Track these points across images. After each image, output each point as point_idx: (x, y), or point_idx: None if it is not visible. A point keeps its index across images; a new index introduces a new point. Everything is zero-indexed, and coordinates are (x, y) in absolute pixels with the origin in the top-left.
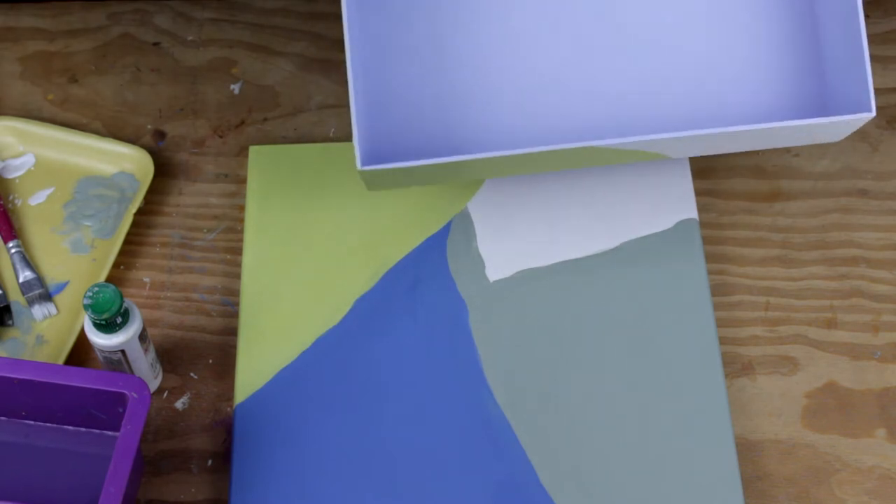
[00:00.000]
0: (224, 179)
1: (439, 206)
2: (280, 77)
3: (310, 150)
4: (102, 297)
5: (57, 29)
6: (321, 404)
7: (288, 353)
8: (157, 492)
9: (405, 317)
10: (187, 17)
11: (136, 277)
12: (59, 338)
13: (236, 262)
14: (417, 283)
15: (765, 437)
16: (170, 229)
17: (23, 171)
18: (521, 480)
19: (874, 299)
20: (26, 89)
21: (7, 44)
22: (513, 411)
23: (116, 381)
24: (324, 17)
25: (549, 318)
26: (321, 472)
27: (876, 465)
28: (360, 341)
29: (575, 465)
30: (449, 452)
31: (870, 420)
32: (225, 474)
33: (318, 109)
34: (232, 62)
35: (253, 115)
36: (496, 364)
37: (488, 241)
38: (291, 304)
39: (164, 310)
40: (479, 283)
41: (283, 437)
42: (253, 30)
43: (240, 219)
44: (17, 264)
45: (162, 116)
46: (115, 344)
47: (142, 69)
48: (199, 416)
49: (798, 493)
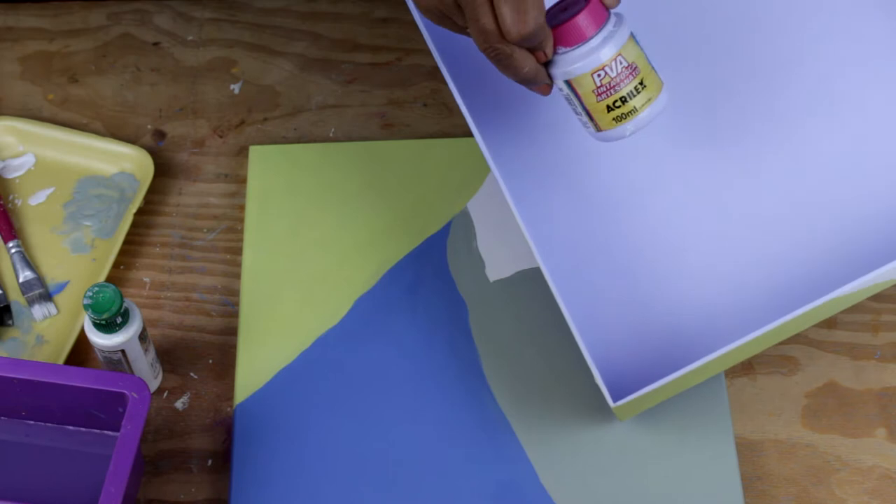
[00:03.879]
0: (224, 179)
1: (439, 206)
2: (280, 77)
3: (310, 150)
4: (102, 297)
5: (57, 29)
6: (321, 404)
7: (288, 353)
8: (157, 492)
9: (405, 317)
10: (187, 17)
11: (136, 277)
12: (59, 338)
13: (236, 262)
14: (417, 282)
15: (765, 437)
16: (170, 229)
17: (23, 171)
18: (521, 480)
19: (874, 299)
20: (26, 89)
21: (7, 44)
22: (513, 411)
23: (116, 381)
24: (324, 17)
25: (549, 317)
26: (321, 472)
27: (876, 465)
28: (360, 341)
29: (575, 465)
30: (449, 452)
31: (870, 420)
32: (225, 474)
33: (318, 109)
34: (232, 62)
35: (253, 115)
36: (496, 364)
37: (488, 241)
38: (291, 304)
39: (164, 310)
40: (479, 283)
41: (283, 437)
42: (253, 30)
43: (240, 219)
44: (17, 264)
45: (162, 116)
46: (115, 344)
47: (142, 69)
48: (199, 416)
49: (798, 493)
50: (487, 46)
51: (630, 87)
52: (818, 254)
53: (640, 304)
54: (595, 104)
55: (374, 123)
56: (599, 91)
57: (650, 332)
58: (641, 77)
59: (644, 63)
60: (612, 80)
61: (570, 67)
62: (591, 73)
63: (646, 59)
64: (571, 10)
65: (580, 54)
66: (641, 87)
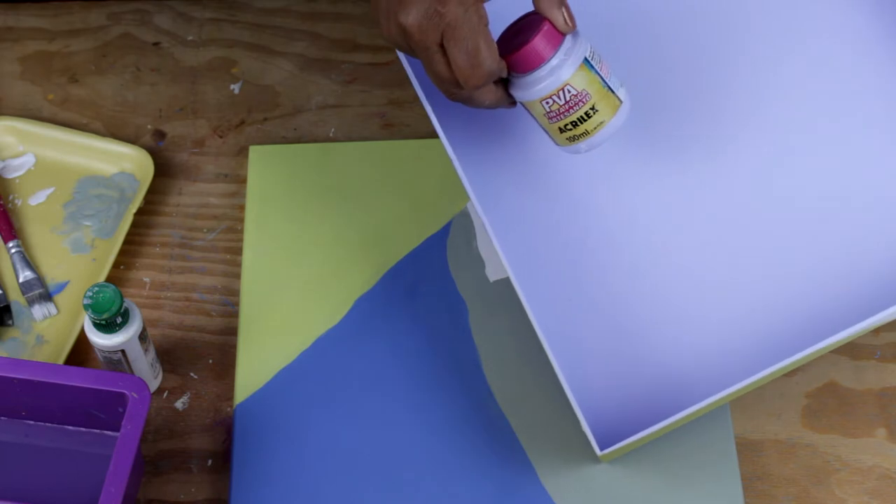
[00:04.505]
0: (224, 179)
1: (439, 206)
2: (280, 77)
3: (310, 150)
4: (102, 297)
5: (57, 29)
6: (321, 404)
7: (288, 353)
8: (157, 492)
9: (405, 317)
10: (187, 17)
11: (136, 277)
12: (59, 338)
13: (236, 262)
14: (417, 282)
15: (765, 437)
16: (170, 229)
17: (23, 171)
18: (521, 480)
19: None
20: (26, 89)
21: (7, 44)
22: (513, 411)
23: (116, 381)
24: (324, 17)
25: None
26: (321, 472)
27: (876, 465)
28: (360, 341)
29: (575, 464)
30: (449, 452)
31: (870, 420)
32: (225, 474)
33: (318, 109)
34: (232, 62)
35: (253, 115)
36: (496, 364)
37: (488, 241)
38: (291, 304)
39: (164, 310)
40: (479, 283)
41: (283, 437)
42: (253, 30)
43: (240, 219)
44: (17, 264)
45: (162, 116)
46: (115, 344)
47: (142, 69)
48: (199, 416)
49: (798, 493)
50: (445, 91)
51: (580, 112)
52: (807, 297)
53: (628, 352)
54: (549, 125)
55: (374, 123)
56: (550, 115)
57: (637, 379)
58: (593, 102)
59: (598, 87)
60: (560, 107)
61: (521, 92)
62: (539, 100)
63: (600, 82)
64: (524, 36)
65: (530, 81)
66: (593, 112)
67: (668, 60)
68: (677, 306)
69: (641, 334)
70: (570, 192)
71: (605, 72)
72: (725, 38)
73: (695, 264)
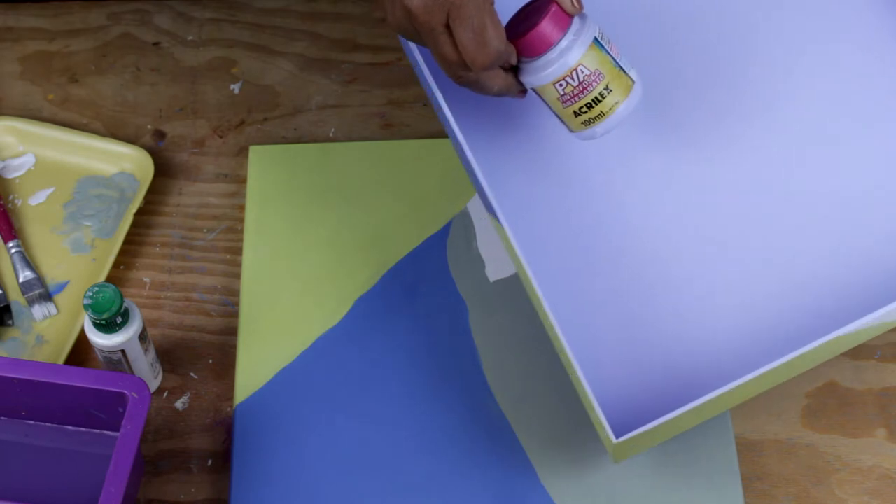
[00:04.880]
0: (224, 179)
1: (439, 206)
2: (280, 77)
3: (310, 150)
4: (102, 297)
5: (57, 29)
6: (321, 404)
7: (288, 353)
8: (157, 492)
9: (405, 317)
10: (187, 17)
11: (136, 277)
12: (59, 338)
13: (236, 262)
14: (417, 282)
15: (765, 437)
16: (170, 229)
17: (23, 171)
18: (521, 480)
19: None
20: (26, 89)
21: (7, 44)
22: (513, 411)
23: (116, 381)
24: (324, 17)
25: None
26: (321, 472)
27: (876, 465)
28: (360, 341)
29: (575, 464)
30: (449, 452)
31: (870, 420)
32: (225, 474)
33: (318, 109)
34: (232, 62)
35: (253, 115)
36: (496, 364)
37: (488, 241)
38: (291, 304)
39: (164, 310)
40: (479, 283)
41: (283, 437)
42: (253, 30)
43: (240, 219)
44: (17, 264)
45: (162, 116)
46: (115, 344)
47: (142, 69)
48: (199, 416)
49: (798, 493)
50: (452, 74)
51: (595, 93)
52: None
53: (641, 340)
54: (562, 109)
55: (374, 123)
56: (563, 99)
57: (651, 367)
58: (607, 82)
59: (609, 67)
60: (574, 89)
61: (532, 77)
62: (552, 83)
63: (611, 62)
64: (532, 20)
65: (540, 65)
66: (607, 92)
67: (682, 54)
68: (692, 294)
69: (655, 322)
70: (582, 179)
71: (615, 52)
72: (739, 35)
73: (709, 252)
